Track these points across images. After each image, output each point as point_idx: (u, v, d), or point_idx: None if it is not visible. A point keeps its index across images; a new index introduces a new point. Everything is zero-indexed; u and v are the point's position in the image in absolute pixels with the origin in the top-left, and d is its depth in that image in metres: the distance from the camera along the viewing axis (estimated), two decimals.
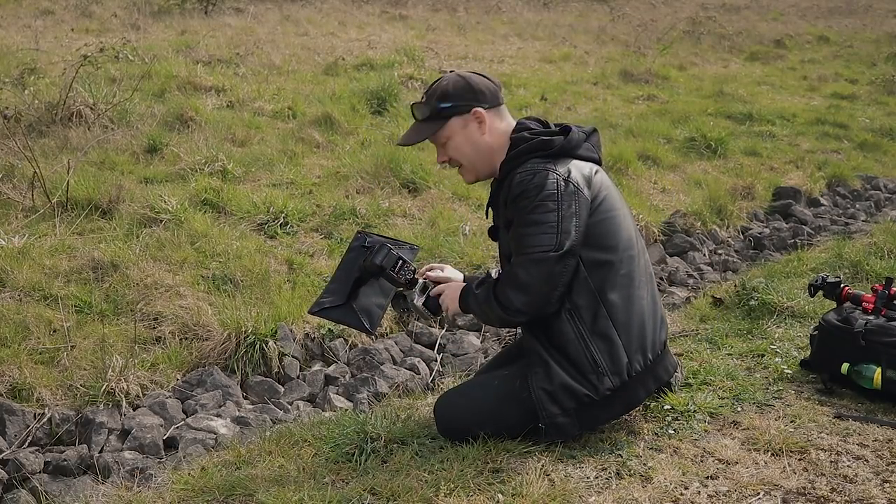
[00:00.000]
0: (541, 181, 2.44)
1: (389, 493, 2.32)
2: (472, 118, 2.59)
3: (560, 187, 2.44)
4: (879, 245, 4.63)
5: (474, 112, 2.58)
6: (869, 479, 2.39)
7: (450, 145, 2.63)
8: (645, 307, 2.57)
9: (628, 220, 2.64)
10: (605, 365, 2.49)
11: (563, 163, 2.50)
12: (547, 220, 2.42)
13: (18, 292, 3.70)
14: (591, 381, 2.49)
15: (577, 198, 2.45)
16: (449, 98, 2.58)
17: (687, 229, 5.53)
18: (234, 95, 7.21)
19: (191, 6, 13.20)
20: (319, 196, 5.18)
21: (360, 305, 2.67)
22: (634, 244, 2.61)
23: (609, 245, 2.52)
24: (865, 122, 8.71)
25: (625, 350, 2.51)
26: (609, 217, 2.54)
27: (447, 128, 2.60)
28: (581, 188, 2.47)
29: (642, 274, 2.60)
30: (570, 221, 2.43)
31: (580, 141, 2.58)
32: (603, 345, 2.50)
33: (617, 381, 2.50)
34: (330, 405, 3.37)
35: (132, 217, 4.52)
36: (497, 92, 2.64)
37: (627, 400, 2.57)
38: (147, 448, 3.00)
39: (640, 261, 2.60)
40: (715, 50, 13.31)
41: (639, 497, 2.30)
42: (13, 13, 11.44)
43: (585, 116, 8.00)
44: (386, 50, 10.45)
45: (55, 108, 5.89)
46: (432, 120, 2.61)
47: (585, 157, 2.58)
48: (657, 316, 2.63)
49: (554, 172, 2.46)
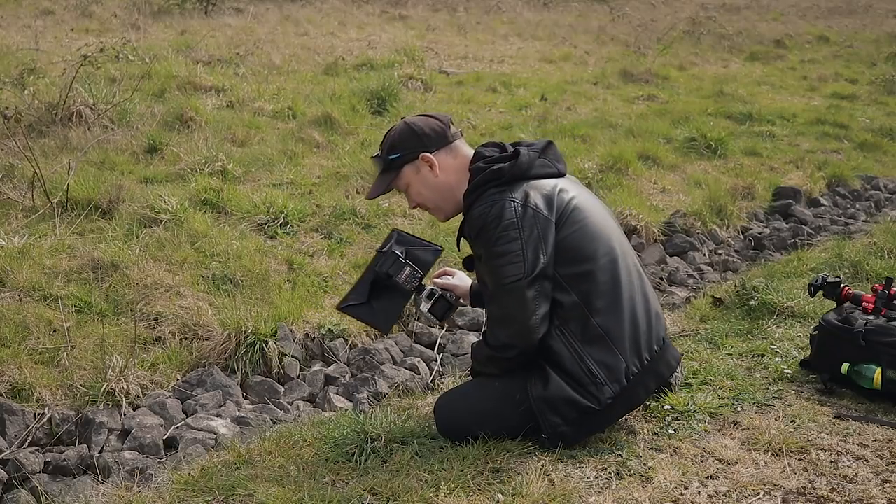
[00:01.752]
0: (498, 211, 2.46)
1: (389, 493, 2.32)
2: (421, 163, 2.64)
3: (518, 214, 2.45)
4: (879, 245, 4.63)
5: (422, 157, 2.63)
6: (869, 479, 2.39)
7: (411, 192, 2.71)
8: (636, 308, 2.55)
9: (605, 223, 2.60)
10: (602, 375, 2.48)
11: (519, 187, 2.50)
12: (512, 250, 2.44)
13: (18, 292, 3.70)
14: (591, 393, 2.48)
15: (537, 220, 2.45)
16: (396, 149, 2.65)
17: (687, 229, 5.53)
18: (234, 95, 7.21)
19: (191, 6, 13.21)
20: (319, 196, 5.18)
21: (379, 305, 2.80)
22: (615, 246, 2.57)
23: (585, 256, 2.50)
24: (865, 122, 8.70)
25: (620, 356, 2.50)
26: (580, 228, 2.51)
27: (402, 177, 2.67)
28: (541, 210, 2.46)
29: (628, 275, 2.56)
30: (534, 246, 2.44)
31: (532, 161, 2.56)
32: (597, 355, 2.49)
33: (617, 388, 2.50)
34: (330, 405, 3.37)
35: (132, 217, 4.52)
36: (445, 131, 2.66)
37: (628, 402, 2.57)
38: (147, 448, 3.00)
39: (623, 262, 2.57)
40: (715, 50, 13.31)
41: (639, 497, 2.30)
42: (13, 13, 11.44)
43: (585, 116, 8.00)
44: (386, 50, 10.46)
45: (55, 108, 5.90)
46: (387, 171, 2.69)
47: (543, 174, 2.56)
48: (651, 313, 2.60)
49: (510, 200, 2.46)
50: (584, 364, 2.48)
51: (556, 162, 2.63)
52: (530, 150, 2.58)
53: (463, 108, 7.88)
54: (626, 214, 5.30)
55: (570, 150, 6.57)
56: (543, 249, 2.44)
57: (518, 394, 2.55)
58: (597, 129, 7.42)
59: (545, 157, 2.60)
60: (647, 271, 2.84)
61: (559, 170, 2.62)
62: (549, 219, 2.47)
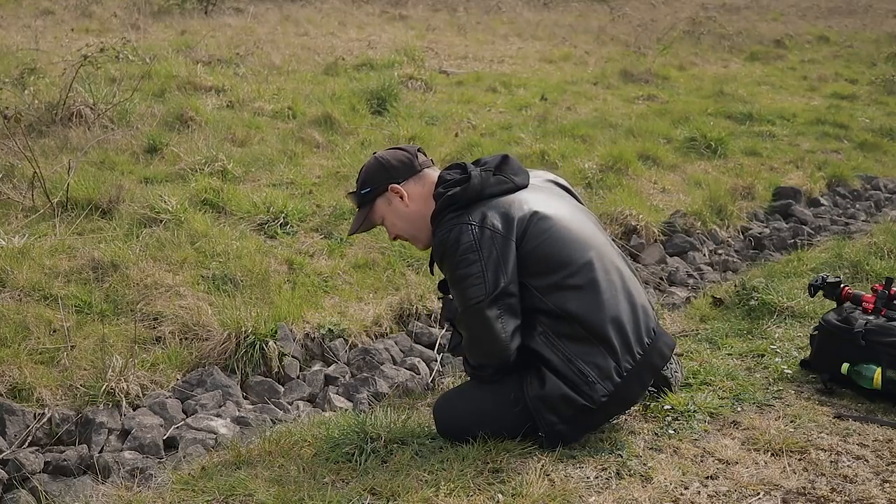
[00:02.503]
0: (456, 235, 2.50)
1: (389, 493, 2.32)
2: (392, 195, 2.71)
3: (476, 236, 2.48)
4: (879, 245, 4.63)
5: (391, 188, 2.70)
6: (869, 479, 2.39)
7: (387, 224, 2.78)
8: (618, 306, 2.53)
9: (578, 227, 2.60)
10: (593, 374, 2.49)
11: (476, 209, 2.53)
12: (472, 273, 2.48)
13: (18, 292, 3.70)
14: (585, 392, 2.49)
15: (495, 241, 2.47)
16: (367, 183, 2.73)
17: (687, 229, 5.53)
18: (234, 95, 7.21)
19: (191, 6, 13.21)
20: (319, 196, 5.18)
21: None
22: (589, 249, 2.56)
23: (557, 264, 2.51)
24: (865, 122, 8.70)
25: (609, 355, 2.50)
26: (547, 238, 2.51)
27: (376, 210, 2.76)
28: (498, 229, 2.49)
29: (605, 274, 2.55)
30: (494, 267, 2.47)
31: (486, 181, 2.57)
32: (586, 356, 2.49)
33: (610, 385, 2.50)
34: (330, 405, 3.37)
35: (132, 217, 4.52)
36: (412, 161, 2.73)
37: (624, 398, 2.57)
38: (147, 448, 3.00)
39: (599, 263, 2.55)
40: (715, 50, 13.31)
41: (639, 497, 2.30)
42: (13, 13, 11.44)
43: (585, 116, 8.00)
44: (386, 50, 10.46)
45: (55, 108, 5.89)
46: (362, 206, 2.78)
47: (499, 192, 2.57)
48: (636, 308, 2.58)
49: (467, 223, 2.50)
50: (574, 366, 2.49)
51: (514, 176, 2.63)
52: (483, 171, 2.61)
53: (463, 108, 7.88)
54: (626, 214, 5.30)
55: (570, 150, 6.57)
56: (503, 269, 2.47)
57: (514, 393, 2.56)
58: (597, 129, 7.42)
59: (501, 173, 2.61)
60: (632, 265, 2.80)
61: (516, 184, 2.61)
62: (507, 237, 2.49)
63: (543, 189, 2.69)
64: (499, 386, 2.61)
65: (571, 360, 2.49)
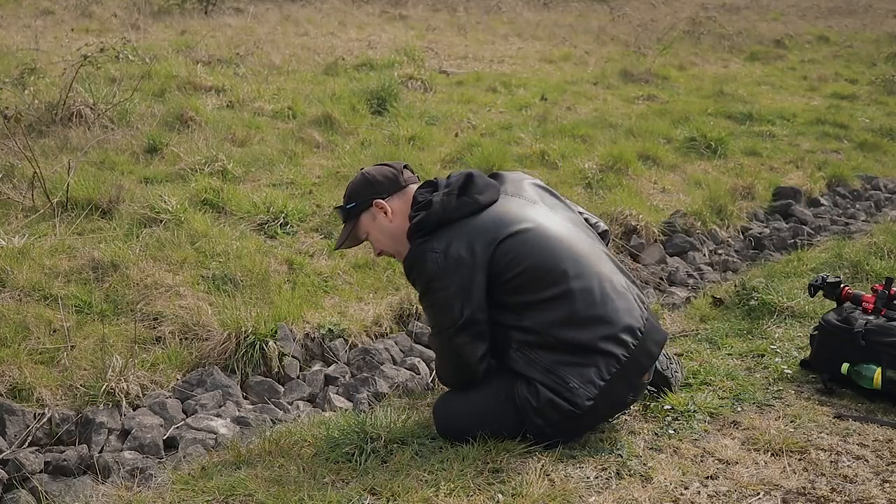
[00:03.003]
0: (421, 264, 2.52)
1: (389, 493, 2.32)
2: (376, 210, 2.73)
3: (440, 265, 2.48)
4: (879, 245, 4.63)
5: (376, 203, 2.71)
6: (869, 479, 2.39)
7: (371, 240, 2.80)
8: (596, 313, 2.50)
9: (550, 235, 2.56)
10: (575, 381, 2.47)
11: (443, 235, 2.52)
12: (437, 301, 2.52)
13: (18, 292, 3.70)
14: (569, 399, 2.48)
15: (459, 270, 2.47)
16: (352, 198, 2.76)
17: (687, 229, 5.53)
18: (234, 95, 7.21)
19: (191, 6, 13.21)
20: (319, 196, 5.18)
21: None
22: (564, 256, 2.53)
23: (529, 281, 2.50)
24: (865, 122, 8.70)
25: (589, 360, 2.48)
26: (516, 257, 2.49)
27: (360, 225, 2.78)
28: (463, 257, 2.47)
29: (581, 281, 2.51)
30: (459, 295, 2.48)
31: (448, 205, 2.55)
32: (566, 363, 2.49)
33: (593, 389, 2.47)
34: (330, 405, 3.37)
35: (132, 217, 4.52)
36: (397, 177, 2.74)
37: (612, 400, 2.55)
38: (147, 448, 3.00)
39: (575, 272, 2.52)
40: (715, 50, 13.31)
41: (639, 497, 2.30)
42: (13, 13, 11.44)
43: (585, 116, 8.00)
44: (386, 50, 10.46)
45: (55, 108, 5.89)
46: (348, 221, 2.81)
47: (465, 213, 2.55)
48: (618, 312, 2.52)
49: (432, 251, 2.50)
50: (554, 374, 2.49)
51: (479, 195, 2.59)
52: (446, 194, 2.58)
53: (463, 108, 7.88)
54: (626, 214, 5.30)
55: (570, 150, 6.57)
56: (468, 298, 2.48)
57: (506, 393, 2.57)
58: (597, 129, 7.42)
59: (465, 194, 2.58)
60: (619, 262, 2.73)
61: (482, 203, 2.58)
62: (473, 265, 2.48)
63: (514, 200, 2.65)
64: (497, 386, 2.61)
65: (551, 370, 2.49)
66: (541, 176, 5.96)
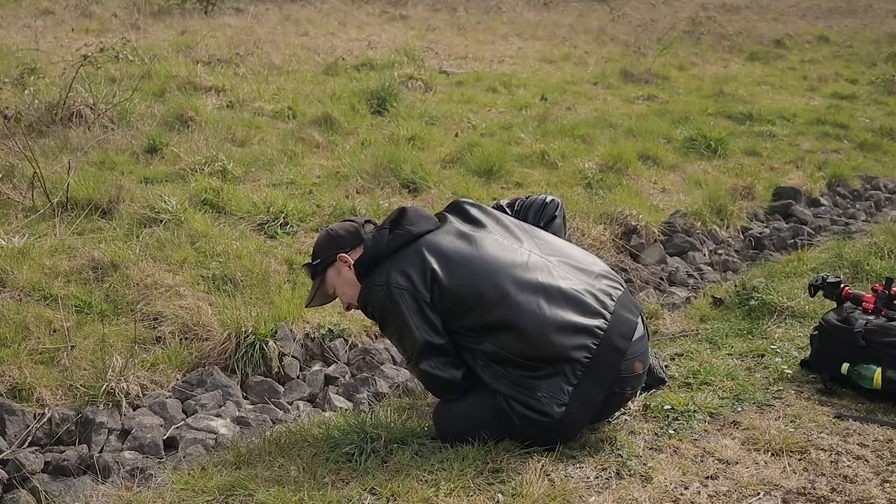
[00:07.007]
0: (370, 300, 2.62)
1: (389, 493, 2.32)
2: (340, 264, 2.80)
3: (385, 296, 2.57)
4: (879, 245, 4.63)
5: (339, 258, 2.78)
6: (869, 479, 2.39)
7: (338, 293, 2.87)
8: (545, 322, 2.49)
9: (485, 257, 2.59)
10: (543, 391, 2.49)
11: (382, 269, 2.63)
12: (396, 331, 2.61)
13: (18, 292, 3.70)
14: (539, 410, 2.49)
15: (403, 298, 2.55)
16: (317, 255, 2.85)
17: (687, 229, 5.53)
18: (234, 95, 7.21)
19: (191, 6, 13.21)
20: (319, 196, 5.18)
21: None
22: (502, 275, 2.55)
23: (471, 304, 2.54)
24: (865, 122, 8.70)
25: (552, 370, 2.49)
26: (451, 282, 2.55)
27: (327, 281, 2.85)
28: (402, 284, 2.56)
29: (522, 293, 2.52)
30: (410, 318, 2.55)
31: (380, 242, 2.66)
32: (531, 377, 2.50)
33: (564, 397, 2.48)
34: (330, 405, 3.37)
35: (132, 217, 4.52)
36: (358, 230, 2.82)
37: (586, 401, 2.51)
38: (147, 448, 2.99)
39: (515, 288, 2.53)
40: (715, 50, 13.31)
41: (639, 497, 2.30)
42: (13, 13, 11.44)
43: (585, 116, 8.00)
44: (386, 50, 10.46)
45: (55, 108, 5.89)
46: (315, 277, 2.88)
47: (398, 246, 2.64)
48: (570, 317, 2.51)
49: (375, 285, 2.60)
50: (525, 388, 2.50)
51: (411, 227, 2.67)
52: (377, 231, 2.71)
53: (463, 108, 7.88)
54: (627, 214, 5.29)
55: (570, 149, 6.57)
56: (422, 321, 2.55)
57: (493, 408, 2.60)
58: (597, 129, 7.42)
59: (398, 227, 2.67)
60: (576, 261, 2.69)
61: (415, 233, 2.65)
62: (413, 290, 2.55)
63: (453, 220, 2.72)
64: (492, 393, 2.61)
65: (518, 384, 2.52)
66: (541, 176, 5.97)
